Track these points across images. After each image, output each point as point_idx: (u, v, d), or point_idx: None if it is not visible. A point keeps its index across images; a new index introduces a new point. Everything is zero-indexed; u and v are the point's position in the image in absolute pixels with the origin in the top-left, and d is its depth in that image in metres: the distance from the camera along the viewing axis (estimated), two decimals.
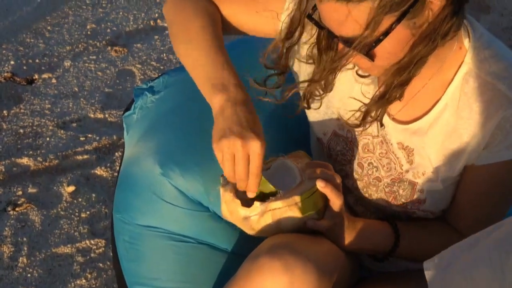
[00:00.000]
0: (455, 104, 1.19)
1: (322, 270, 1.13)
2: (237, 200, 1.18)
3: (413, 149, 1.25)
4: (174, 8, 1.34)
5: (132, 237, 1.38)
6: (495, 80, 1.15)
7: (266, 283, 1.10)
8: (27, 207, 2.06)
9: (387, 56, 1.10)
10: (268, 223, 1.17)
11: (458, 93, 1.18)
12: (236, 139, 1.12)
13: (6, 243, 1.95)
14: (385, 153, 1.29)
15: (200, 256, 1.35)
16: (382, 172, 1.30)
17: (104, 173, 2.18)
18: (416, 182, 1.27)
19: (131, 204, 1.38)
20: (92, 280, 1.86)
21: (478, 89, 1.17)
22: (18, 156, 2.25)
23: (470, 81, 1.17)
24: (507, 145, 1.17)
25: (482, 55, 1.17)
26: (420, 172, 1.26)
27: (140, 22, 2.90)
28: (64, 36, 2.81)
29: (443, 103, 1.20)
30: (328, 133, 1.35)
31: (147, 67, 2.66)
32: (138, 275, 1.38)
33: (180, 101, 1.43)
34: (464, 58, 1.17)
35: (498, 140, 1.17)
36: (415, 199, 1.29)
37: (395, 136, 1.26)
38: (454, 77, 1.18)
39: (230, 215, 1.20)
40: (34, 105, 2.46)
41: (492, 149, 1.18)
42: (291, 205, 1.16)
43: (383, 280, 1.40)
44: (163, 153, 1.35)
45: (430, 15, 1.07)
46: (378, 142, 1.29)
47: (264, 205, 1.16)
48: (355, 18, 1.04)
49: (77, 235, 1.98)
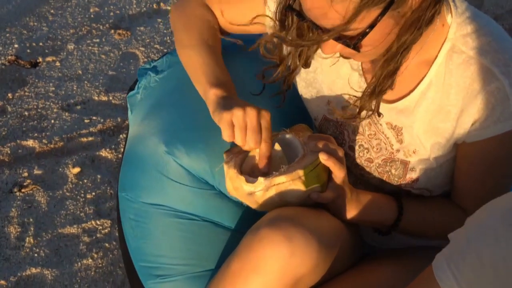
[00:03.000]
0: (440, 82, 1.19)
1: (324, 242, 1.14)
2: (241, 176, 1.19)
3: (401, 127, 1.26)
4: (176, 15, 1.44)
5: (137, 214, 1.39)
6: (478, 55, 1.15)
7: (267, 253, 1.11)
8: (33, 188, 2.08)
9: (372, 45, 1.11)
10: (272, 198, 1.18)
11: (443, 70, 1.18)
12: (251, 108, 1.17)
13: (13, 223, 1.97)
14: (374, 134, 1.30)
15: (205, 234, 1.36)
16: (372, 153, 1.31)
17: (109, 155, 2.20)
18: (408, 161, 1.28)
19: (137, 182, 1.39)
20: (98, 259, 1.88)
21: (462, 65, 1.16)
22: (23, 138, 2.26)
23: (454, 57, 1.17)
24: (495, 120, 1.16)
25: (465, 31, 1.17)
26: (410, 150, 1.27)
27: (143, 5, 2.90)
28: (67, 20, 2.81)
29: (428, 81, 1.20)
30: (319, 118, 1.37)
31: (150, 50, 2.66)
32: (144, 252, 1.40)
33: (184, 80, 1.45)
34: (447, 34, 1.17)
35: (485, 116, 1.16)
36: (408, 178, 1.30)
37: (384, 116, 1.27)
38: (438, 54, 1.18)
39: (235, 191, 1.21)
40: (39, 87, 2.47)
41: (480, 125, 1.18)
42: (294, 179, 1.17)
43: (386, 257, 1.41)
44: (167, 131, 1.36)
45: (413, 3, 1.06)
46: (366, 123, 1.31)
47: (268, 180, 1.17)
48: (338, 10, 1.03)
49: (83, 215, 2.00)
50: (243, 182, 1.18)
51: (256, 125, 1.18)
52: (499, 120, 1.16)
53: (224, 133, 1.18)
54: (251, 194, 1.18)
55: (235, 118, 1.17)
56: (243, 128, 1.17)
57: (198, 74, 1.31)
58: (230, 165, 1.21)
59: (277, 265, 1.11)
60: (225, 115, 1.18)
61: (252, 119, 1.17)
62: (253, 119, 1.17)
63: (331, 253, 1.18)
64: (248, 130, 1.17)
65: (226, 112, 1.18)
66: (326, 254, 1.16)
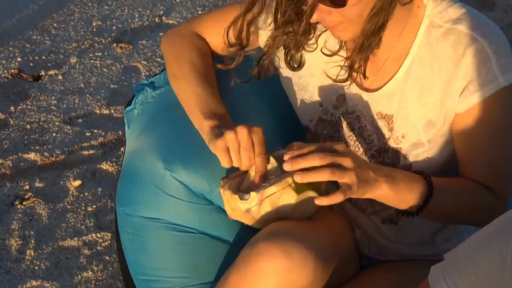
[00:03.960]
0: (422, 58, 1.22)
1: (321, 257, 1.14)
2: (235, 195, 1.19)
3: (392, 115, 1.28)
4: (166, 44, 1.45)
5: (135, 228, 1.40)
6: (455, 25, 1.20)
7: (265, 268, 1.11)
8: (34, 201, 2.09)
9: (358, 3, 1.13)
10: (268, 212, 1.18)
11: (424, 46, 1.22)
12: (241, 128, 1.18)
13: (14, 236, 1.99)
14: (364, 126, 1.32)
15: (202, 246, 1.36)
16: (365, 145, 1.33)
17: (109, 168, 2.21)
18: (399, 148, 1.29)
19: (134, 197, 1.40)
20: (99, 272, 1.89)
21: (441, 37, 1.21)
22: (25, 151, 2.28)
23: (433, 32, 1.21)
24: (481, 83, 1.18)
25: (441, 7, 1.22)
26: (399, 136, 1.28)
27: (145, 19, 2.92)
28: (70, 33, 2.84)
29: (410, 60, 1.24)
30: (314, 120, 1.38)
31: (152, 63, 2.68)
32: (142, 265, 1.40)
33: None
34: (424, 13, 1.22)
35: (472, 80, 1.19)
36: (401, 166, 1.30)
37: (374, 107, 1.29)
38: (417, 32, 1.22)
39: (233, 212, 1.22)
40: (41, 101, 2.49)
41: (468, 92, 1.20)
42: (285, 187, 1.16)
43: (383, 270, 1.42)
44: (164, 146, 1.37)
45: None
46: (355, 117, 1.32)
47: (259, 193, 1.17)
48: None
49: (84, 228, 2.01)
50: (238, 201, 1.19)
51: (248, 143, 1.18)
52: (485, 81, 1.18)
53: (221, 160, 1.19)
54: (248, 211, 1.19)
55: (229, 142, 1.18)
56: (238, 150, 1.18)
57: (191, 105, 1.33)
58: (225, 187, 1.22)
59: (274, 279, 1.12)
60: (218, 142, 1.19)
61: (243, 137, 1.18)
62: (245, 137, 1.18)
63: (329, 268, 1.18)
64: (241, 149, 1.18)
65: (219, 140, 1.19)
66: (324, 268, 1.16)
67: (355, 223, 1.43)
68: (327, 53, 1.29)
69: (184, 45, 1.40)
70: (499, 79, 1.18)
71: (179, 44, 1.41)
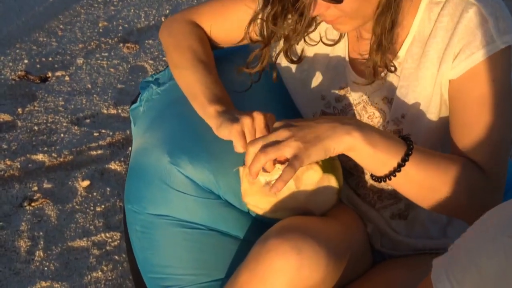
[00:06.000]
0: (422, 35, 1.21)
1: (333, 253, 1.12)
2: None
3: (392, 98, 1.27)
4: (165, 36, 1.43)
5: (143, 226, 1.39)
6: None
7: (276, 265, 1.10)
8: (43, 202, 2.09)
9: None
10: (289, 186, 1.16)
11: (425, 22, 1.21)
12: (257, 113, 1.18)
13: (23, 237, 1.98)
14: (372, 114, 1.30)
15: (211, 243, 1.35)
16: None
17: (118, 167, 2.20)
18: (401, 129, 1.27)
19: (142, 194, 1.39)
20: (108, 272, 1.88)
21: (441, 11, 1.19)
22: (33, 152, 2.27)
23: (434, 9, 1.20)
24: (477, 45, 1.15)
25: None
26: (399, 115, 1.26)
27: (152, 19, 2.92)
28: (76, 34, 2.83)
29: (411, 38, 1.23)
30: (317, 113, 1.37)
31: (159, 62, 2.68)
32: (151, 263, 1.39)
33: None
34: None
35: (468, 43, 1.16)
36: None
37: (380, 93, 1.28)
38: (417, 12, 1.21)
39: (249, 188, 1.20)
40: (48, 102, 2.49)
41: (464, 54, 1.16)
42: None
43: (396, 265, 1.40)
44: (170, 142, 1.36)
45: None
46: (361, 108, 1.31)
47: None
48: None
49: (93, 228, 2.00)
50: (260, 173, 1.16)
51: (264, 128, 1.18)
52: (482, 44, 1.15)
53: (237, 145, 1.18)
54: (268, 184, 1.17)
55: (245, 126, 1.18)
56: (254, 134, 1.18)
57: (194, 92, 1.31)
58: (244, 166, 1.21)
59: (285, 277, 1.10)
60: (235, 126, 1.18)
61: (260, 123, 1.18)
62: (261, 123, 1.18)
63: (341, 264, 1.17)
64: (257, 133, 1.18)
65: (236, 124, 1.18)
66: (335, 265, 1.14)
67: (366, 218, 1.42)
68: (328, 43, 1.28)
69: (183, 33, 1.39)
70: (497, 41, 1.14)
71: (178, 32, 1.40)
